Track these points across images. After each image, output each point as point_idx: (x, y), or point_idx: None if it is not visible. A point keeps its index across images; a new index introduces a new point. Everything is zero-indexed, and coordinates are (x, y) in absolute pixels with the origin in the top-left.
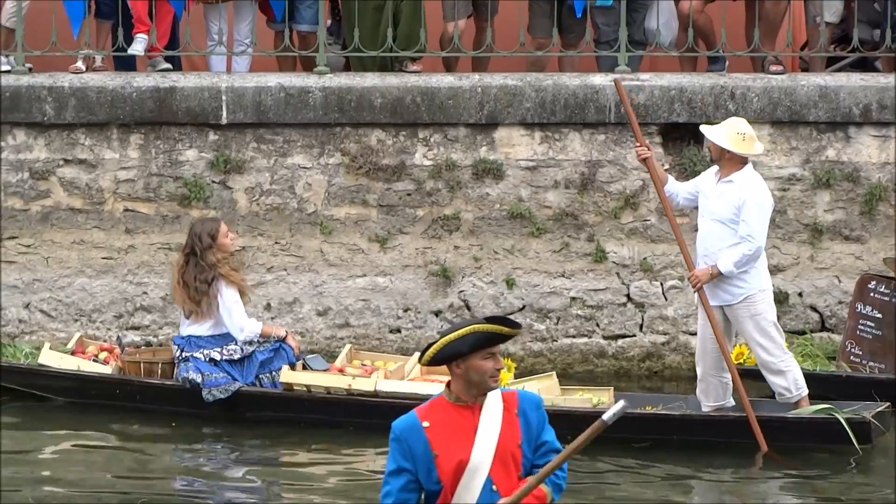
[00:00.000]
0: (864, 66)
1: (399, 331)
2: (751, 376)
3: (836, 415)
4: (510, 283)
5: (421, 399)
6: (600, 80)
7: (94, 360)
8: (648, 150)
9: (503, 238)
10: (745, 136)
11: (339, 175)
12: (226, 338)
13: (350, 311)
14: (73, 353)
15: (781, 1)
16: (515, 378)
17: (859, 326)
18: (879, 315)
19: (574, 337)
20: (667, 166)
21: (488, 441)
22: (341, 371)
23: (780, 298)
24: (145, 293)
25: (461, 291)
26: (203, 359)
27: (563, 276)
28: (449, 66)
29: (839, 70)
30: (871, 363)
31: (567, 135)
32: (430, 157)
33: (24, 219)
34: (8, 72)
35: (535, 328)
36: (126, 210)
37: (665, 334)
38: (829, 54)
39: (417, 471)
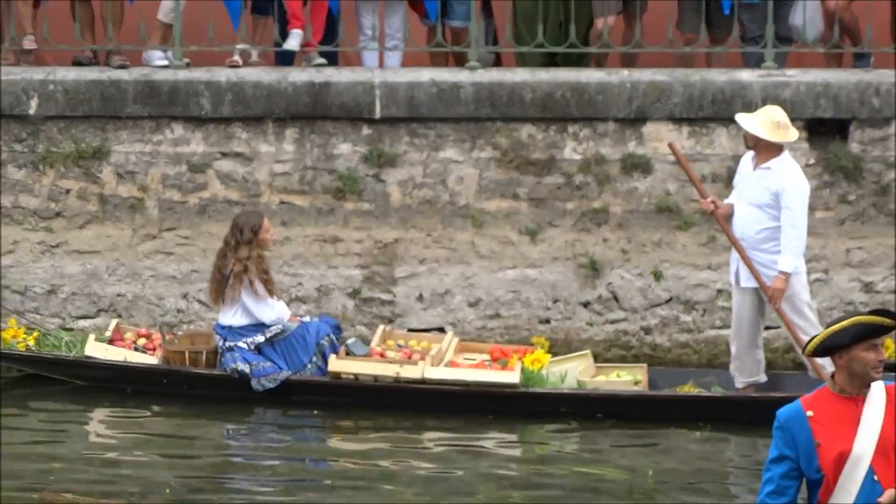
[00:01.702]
0: None
1: (548, 321)
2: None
3: None
4: (657, 276)
5: (465, 384)
6: (747, 75)
7: (135, 349)
8: (714, 204)
9: (651, 231)
10: (779, 125)
11: (490, 169)
12: (260, 326)
13: (500, 303)
14: (111, 342)
15: None
16: (553, 357)
17: None
18: None
19: (720, 328)
20: (812, 161)
21: (871, 432)
22: (382, 355)
23: None
24: (300, 284)
25: (609, 283)
26: (247, 347)
27: (710, 268)
28: (599, 61)
29: None
30: None
31: (714, 130)
32: (579, 152)
33: (182, 210)
34: (166, 66)
35: (682, 319)
36: (281, 202)
37: None
38: None
39: (799, 459)
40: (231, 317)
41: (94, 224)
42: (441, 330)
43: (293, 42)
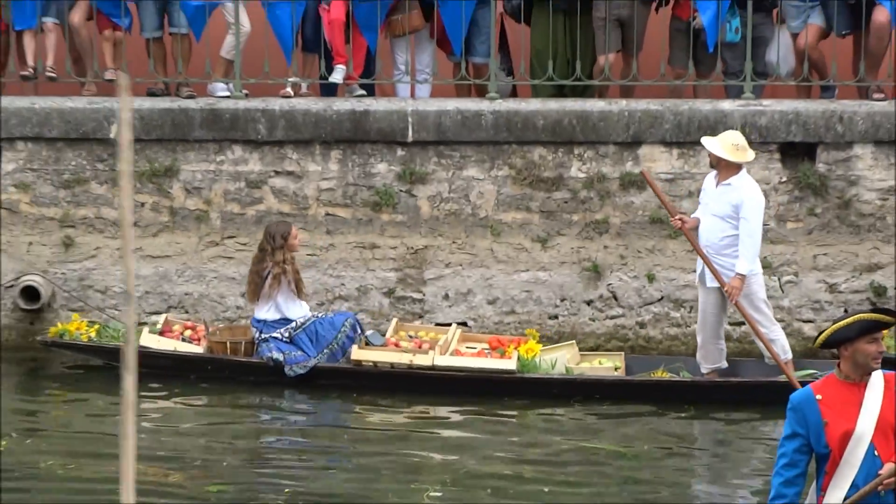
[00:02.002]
0: None
1: (556, 317)
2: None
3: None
4: (651, 278)
5: (469, 371)
6: (729, 105)
7: (182, 339)
8: (681, 221)
9: (645, 239)
10: (738, 147)
11: (507, 185)
12: (289, 320)
13: (515, 301)
14: (161, 333)
15: (883, 38)
16: (543, 347)
17: None
18: None
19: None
20: (784, 178)
21: (871, 414)
22: (396, 345)
23: (880, 291)
24: (342, 284)
25: (609, 284)
26: (281, 338)
27: (695, 271)
28: (601, 92)
29: None
30: None
31: (700, 152)
32: (583, 171)
33: (241, 221)
34: (227, 97)
35: (672, 315)
36: (327, 214)
37: (782, 321)
38: None
39: (809, 436)
40: (265, 312)
41: (165, 232)
42: (464, 324)
43: (337, 76)
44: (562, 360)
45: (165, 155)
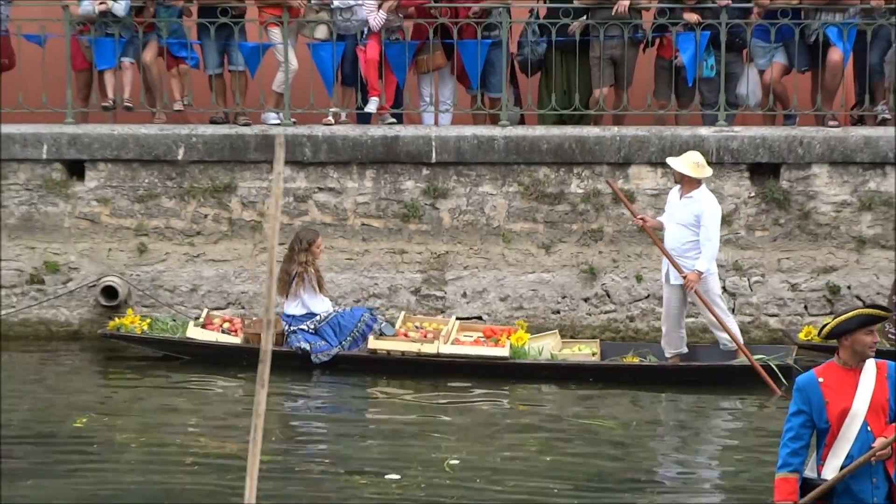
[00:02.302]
0: None
1: (558, 312)
2: (819, 350)
3: (769, 362)
4: (639, 278)
5: (469, 357)
6: (705, 131)
7: (221, 331)
8: (642, 220)
9: (634, 245)
10: (699, 165)
11: (516, 200)
12: (312, 315)
13: (523, 298)
14: (203, 326)
15: (837, 75)
16: (531, 336)
17: None
18: None
19: (686, 318)
20: (753, 194)
21: (865, 395)
22: (405, 335)
23: (834, 290)
24: (376, 284)
25: (603, 284)
26: (307, 330)
27: (661, 271)
28: (596, 120)
29: (881, 124)
30: None
31: None
32: (581, 187)
33: (289, 230)
34: (278, 124)
35: (657, 310)
36: (362, 224)
37: (751, 316)
38: (870, 113)
39: (812, 413)
40: (293, 308)
41: (224, 240)
42: (479, 318)
43: (371, 106)
44: (547, 348)
45: (225, 174)
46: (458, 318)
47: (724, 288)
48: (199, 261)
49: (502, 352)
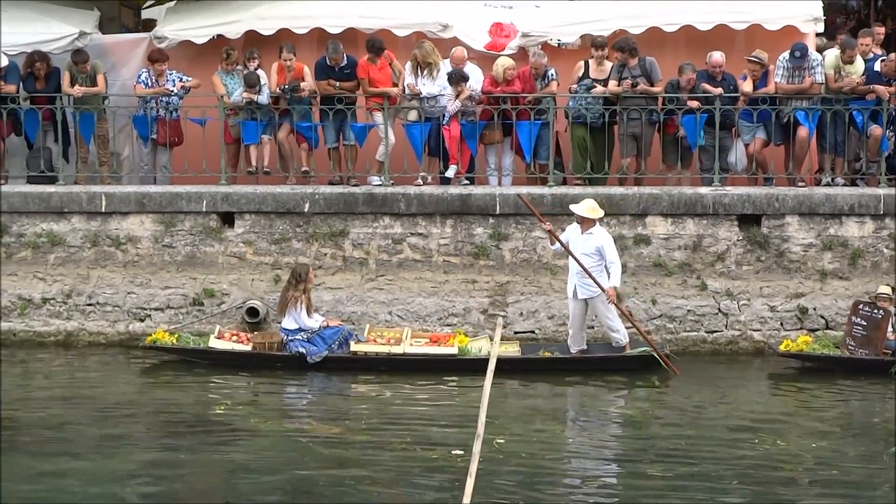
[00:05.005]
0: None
1: (592, 328)
2: (795, 357)
3: (652, 353)
4: (654, 301)
5: (427, 356)
6: (704, 190)
7: (233, 342)
8: (548, 225)
9: (650, 276)
10: (594, 209)
11: None
12: (304, 329)
13: (566, 317)
14: (219, 338)
15: (804, 147)
16: (470, 339)
17: (853, 330)
18: (865, 323)
19: (690, 332)
20: (741, 238)
21: None
22: (374, 341)
23: (804, 311)
24: (454, 306)
25: (626, 306)
26: (302, 339)
27: (683, 298)
28: (621, 182)
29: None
30: (860, 350)
31: (685, 221)
32: (610, 232)
33: (388, 265)
34: (380, 185)
35: (668, 326)
36: (444, 260)
37: (739, 332)
38: (830, 177)
39: None
40: (289, 323)
41: (339, 273)
42: (533, 333)
43: (451, 171)
44: (484, 347)
45: (340, 222)
46: (515, 332)
47: (718, 309)
48: (320, 288)
49: (452, 351)
